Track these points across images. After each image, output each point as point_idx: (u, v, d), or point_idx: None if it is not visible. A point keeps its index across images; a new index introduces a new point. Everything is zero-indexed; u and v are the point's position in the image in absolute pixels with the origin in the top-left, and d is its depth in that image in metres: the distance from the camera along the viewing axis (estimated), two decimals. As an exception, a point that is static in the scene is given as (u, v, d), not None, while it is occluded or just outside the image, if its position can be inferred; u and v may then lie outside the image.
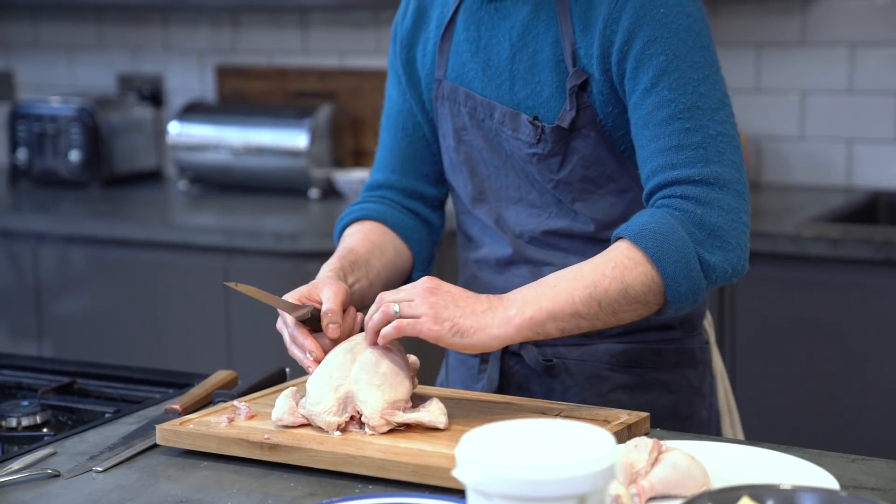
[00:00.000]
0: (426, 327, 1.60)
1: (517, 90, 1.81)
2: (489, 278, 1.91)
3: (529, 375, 1.88)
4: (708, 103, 1.70)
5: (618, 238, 1.67)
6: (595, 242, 1.81)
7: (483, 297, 1.63)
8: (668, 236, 1.64)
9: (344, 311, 1.73)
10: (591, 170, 1.79)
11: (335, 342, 1.71)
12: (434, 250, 2.02)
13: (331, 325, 1.71)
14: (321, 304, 1.73)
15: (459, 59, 1.87)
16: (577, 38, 1.76)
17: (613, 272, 1.62)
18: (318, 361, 1.68)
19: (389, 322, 1.62)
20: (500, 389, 1.89)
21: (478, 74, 1.85)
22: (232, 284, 1.72)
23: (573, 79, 1.76)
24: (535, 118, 1.79)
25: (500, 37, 1.83)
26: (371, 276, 1.86)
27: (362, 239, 1.90)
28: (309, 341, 1.71)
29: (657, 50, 1.70)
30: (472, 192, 1.90)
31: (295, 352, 1.72)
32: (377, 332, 1.64)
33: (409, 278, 1.98)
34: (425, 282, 1.63)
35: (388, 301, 1.63)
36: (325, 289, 1.74)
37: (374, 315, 1.64)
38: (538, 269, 1.85)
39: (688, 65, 1.70)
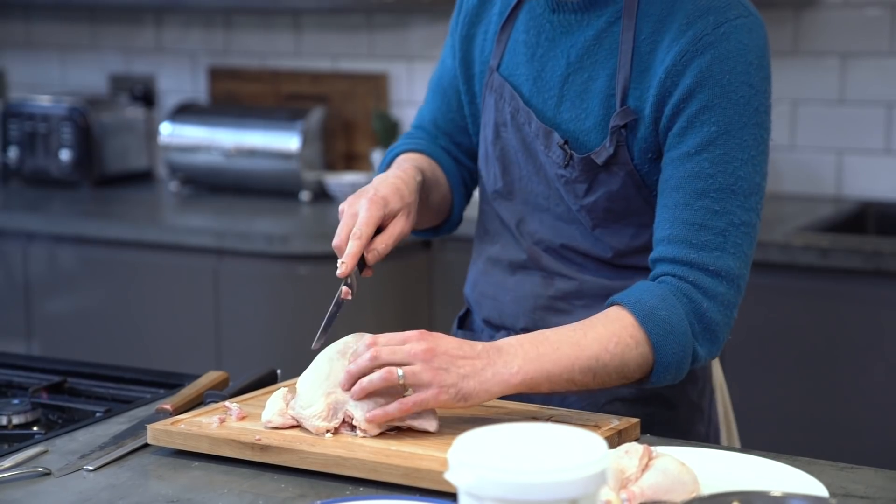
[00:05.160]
0: (433, 400, 1.56)
1: (563, 109, 1.80)
2: (500, 277, 1.91)
3: None
4: (743, 188, 1.69)
5: (623, 305, 1.66)
6: (610, 267, 1.81)
7: (479, 347, 1.59)
8: (674, 328, 1.65)
9: (381, 228, 1.74)
10: (616, 203, 1.78)
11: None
12: (466, 195, 2.04)
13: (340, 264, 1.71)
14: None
15: (514, 59, 1.86)
16: (632, 77, 1.73)
17: (615, 349, 1.63)
18: (343, 275, 1.69)
19: (389, 383, 1.56)
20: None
21: (528, 81, 1.84)
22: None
23: (619, 117, 1.73)
24: (566, 142, 1.78)
25: (558, 52, 1.81)
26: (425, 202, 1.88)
27: (427, 167, 1.92)
28: (353, 244, 1.70)
29: (711, 117, 1.69)
30: (500, 188, 1.90)
31: (339, 242, 1.72)
32: (370, 392, 1.59)
33: (447, 218, 2.00)
34: (421, 338, 1.57)
35: (386, 360, 1.57)
36: (361, 209, 1.73)
37: (373, 378, 1.57)
38: (550, 277, 1.85)
39: (736, 142, 1.70)
